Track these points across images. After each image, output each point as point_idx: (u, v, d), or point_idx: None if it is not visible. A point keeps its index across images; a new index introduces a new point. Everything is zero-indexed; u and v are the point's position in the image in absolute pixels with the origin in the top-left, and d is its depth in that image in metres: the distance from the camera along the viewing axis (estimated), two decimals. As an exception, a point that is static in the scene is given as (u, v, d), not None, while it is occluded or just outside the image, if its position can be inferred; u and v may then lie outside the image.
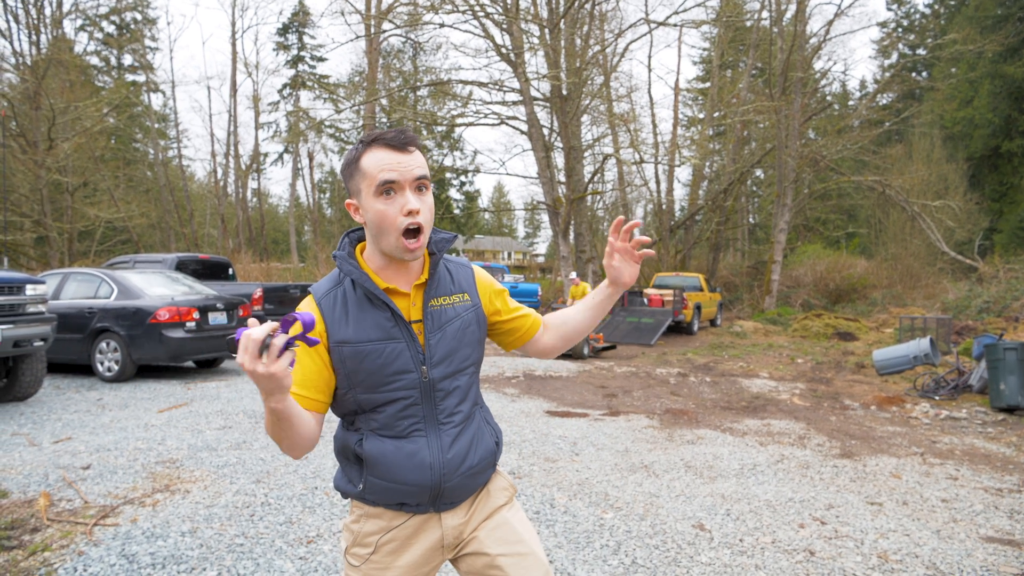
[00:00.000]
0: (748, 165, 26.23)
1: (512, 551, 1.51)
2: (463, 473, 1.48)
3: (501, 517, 1.57)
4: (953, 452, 5.90)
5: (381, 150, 1.36)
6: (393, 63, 29.94)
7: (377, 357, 1.39)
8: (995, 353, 7.73)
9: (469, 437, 1.51)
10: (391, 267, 1.45)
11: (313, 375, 1.40)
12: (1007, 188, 28.92)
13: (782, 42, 22.17)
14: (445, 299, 1.50)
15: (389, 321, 1.41)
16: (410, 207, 1.35)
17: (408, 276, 1.47)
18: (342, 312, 1.42)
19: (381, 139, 1.37)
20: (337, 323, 1.41)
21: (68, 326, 8.64)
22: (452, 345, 1.48)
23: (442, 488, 1.45)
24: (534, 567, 1.51)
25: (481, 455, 1.53)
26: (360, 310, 1.42)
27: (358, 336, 1.40)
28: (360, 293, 1.43)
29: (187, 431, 5.92)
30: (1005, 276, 18.01)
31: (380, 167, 1.35)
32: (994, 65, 27.54)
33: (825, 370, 11.35)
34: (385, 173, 1.35)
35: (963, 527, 3.95)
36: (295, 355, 1.16)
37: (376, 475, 1.43)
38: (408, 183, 1.36)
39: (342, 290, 1.44)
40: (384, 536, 1.47)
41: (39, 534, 3.54)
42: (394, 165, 1.35)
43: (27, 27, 24.60)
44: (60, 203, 25.72)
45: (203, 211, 41.13)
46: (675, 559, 3.39)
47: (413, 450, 1.42)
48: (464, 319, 1.51)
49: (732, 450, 5.74)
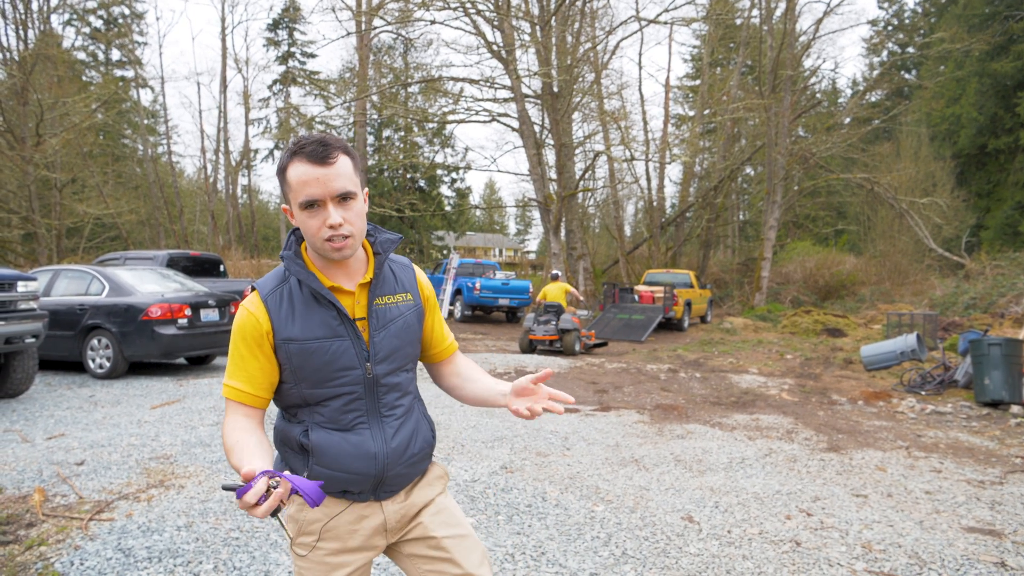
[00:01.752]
0: (738, 162, 26.37)
1: (454, 533, 1.60)
2: (404, 462, 1.55)
3: (441, 503, 1.65)
4: (938, 446, 6.00)
5: (302, 163, 1.38)
6: (384, 59, 29.86)
7: (323, 354, 1.44)
8: (980, 349, 7.85)
9: (410, 429, 1.58)
10: (334, 266, 1.49)
11: (259, 374, 1.46)
12: (994, 185, 29.19)
13: (772, 40, 22.30)
14: (389, 298, 1.55)
15: (335, 319, 1.46)
16: (331, 222, 1.38)
17: (351, 275, 1.51)
18: (288, 310, 1.45)
19: (302, 152, 1.38)
20: (284, 321, 1.45)
21: (59, 323, 8.62)
22: (395, 343, 1.54)
23: (384, 477, 1.52)
24: (474, 546, 1.62)
25: (420, 445, 1.60)
26: (306, 308, 1.46)
27: (304, 334, 1.44)
28: (306, 292, 1.47)
29: (180, 427, 5.94)
30: (991, 273, 18.19)
31: (301, 183, 1.38)
32: (981, 63, 27.76)
33: (814, 366, 11.46)
34: (306, 190, 1.37)
35: (945, 518, 4.04)
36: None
37: (322, 464, 1.47)
38: (329, 198, 1.38)
39: (288, 288, 1.48)
40: (327, 523, 1.51)
41: (35, 529, 3.56)
42: (314, 182, 1.36)
43: (14, 22, 24.39)
44: (48, 199, 25.53)
45: (193, 208, 40.91)
46: (664, 550, 3.45)
47: (358, 441, 1.49)
48: (407, 318, 1.57)
49: (721, 444, 5.82)
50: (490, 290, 19.16)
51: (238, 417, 1.45)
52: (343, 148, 1.42)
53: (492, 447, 5.50)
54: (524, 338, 12.72)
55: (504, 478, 4.63)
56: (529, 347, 12.69)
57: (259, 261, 26.39)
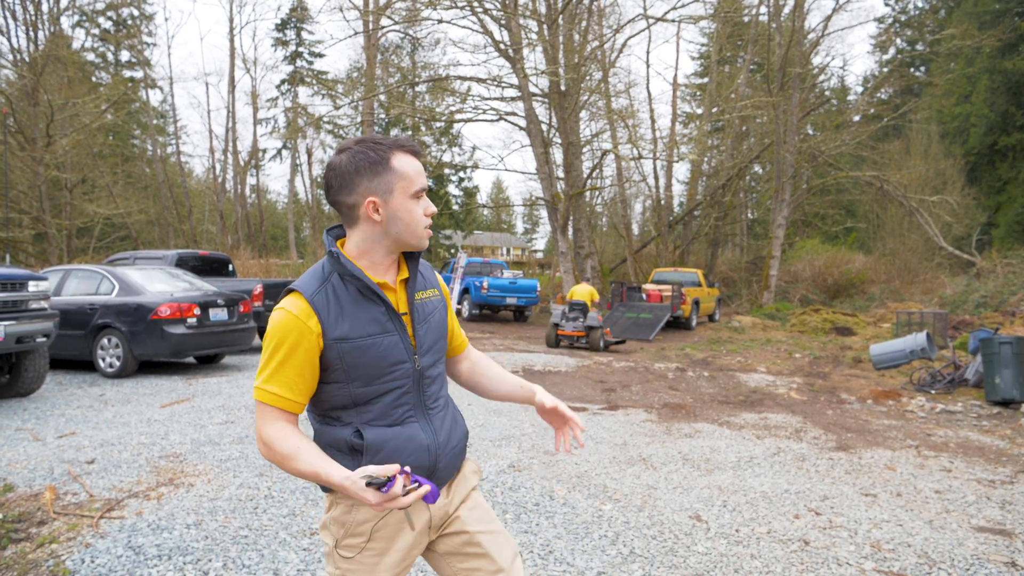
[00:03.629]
0: (746, 160, 26.26)
1: (488, 528, 1.63)
2: (450, 453, 1.59)
3: (476, 498, 1.69)
4: (948, 445, 5.96)
5: (409, 156, 1.48)
6: (391, 59, 29.88)
7: (376, 350, 1.46)
8: (991, 347, 7.79)
9: (451, 419, 1.63)
10: (381, 265, 1.52)
11: (299, 380, 1.43)
12: (1004, 183, 28.96)
13: (780, 37, 22.18)
14: (422, 293, 1.60)
15: (384, 315, 1.48)
16: (431, 210, 1.51)
17: (391, 273, 1.55)
18: (337, 309, 1.44)
19: (408, 146, 1.48)
20: (334, 320, 1.43)
21: (70, 322, 8.67)
22: (435, 336, 1.60)
23: (436, 468, 1.55)
24: (507, 542, 1.65)
25: (460, 435, 1.65)
26: (355, 306, 1.45)
27: (355, 331, 1.44)
28: (352, 289, 1.46)
29: (190, 426, 5.98)
30: (1002, 271, 18.06)
31: (418, 172, 1.49)
32: (992, 60, 27.55)
33: (822, 365, 11.41)
34: (421, 180, 1.49)
35: (955, 517, 4.02)
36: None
37: (378, 462, 1.45)
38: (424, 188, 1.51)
39: (331, 286, 1.46)
40: (377, 523, 1.51)
41: (46, 527, 3.59)
42: (423, 173, 1.50)
43: (25, 24, 24.58)
44: (59, 200, 25.73)
45: (202, 207, 41.12)
46: (672, 549, 3.45)
47: (411, 434, 1.51)
48: (440, 312, 1.64)
49: (729, 443, 5.81)
50: (498, 289, 19.16)
51: (281, 424, 1.43)
52: None
53: (500, 446, 5.51)
54: (552, 332, 13.37)
55: (512, 477, 4.63)
56: (555, 341, 13.38)
57: (267, 260, 26.50)
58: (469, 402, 7.33)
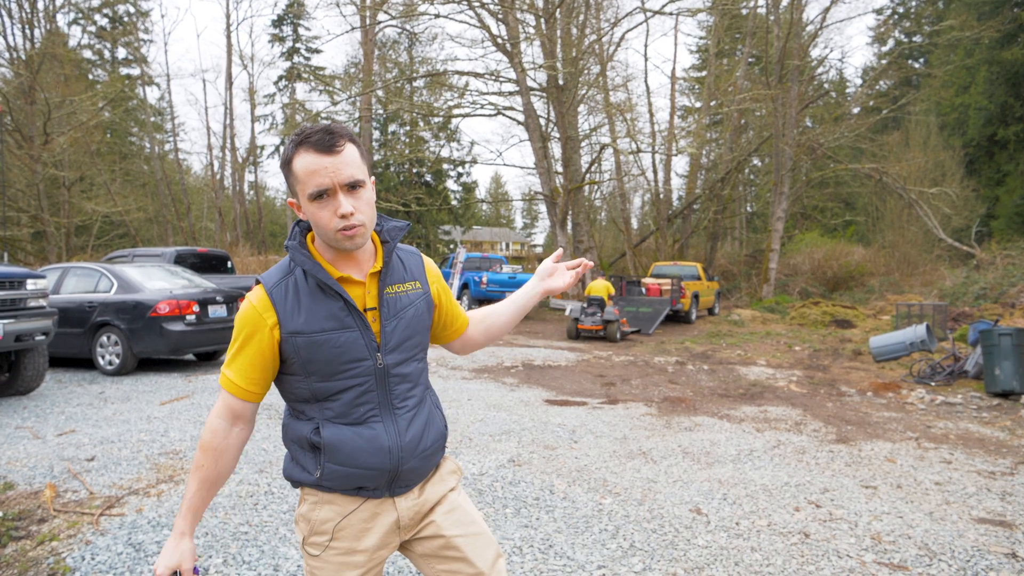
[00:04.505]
0: (745, 154, 26.24)
1: (467, 531, 1.57)
2: (419, 455, 1.52)
3: (454, 500, 1.62)
4: (948, 436, 5.97)
5: (309, 153, 1.36)
6: (389, 54, 29.84)
7: (332, 346, 1.42)
8: (990, 339, 7.79)
9: (423, 420, 1.55)
10: (343, 257, 1.47)
11: (250, 368, 1.45)
12: (1003, 175, 28.92)
13: (778, 30, 22.13)
14: (399, 287, 1.53)
15: (342, 311, 1.43)
16: (342, 211, 1.36)
17: (360, 265, 1.49)
18: (294, 302, 1.43)
19: (307, 141, 1.36)
20: (290, 313, 1.42)
21: (69, 320, 8.67)
22: (407, 332, 1.52)
23: (400, 471, 1.49)
24: (487, 544, 1.59)
25: (434, 437, 1.57)
26: (312, 300, 1.43)
27: (311, 326, 1.41)
28: (312, 283, 1.44)
29: (189, 423, 5.97)
30: (1002, 262, 18.06)
31: (309, 173, 1.36)
32: (991, 51, 27.48)
33: (822, 357, 11.42)
34: (315, 180, 1.35)
35: (955, 509, 4.02)
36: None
37: (336, 461, 1.45)
38: (339, 186, 1.36)
39: (293, 280, 1.45)
40: (340, 521, 1.50)
41: (46, 524, 3.59)
42: (322, 171, 1.35)
43: (21, 21, 24.47)
44: (57, 198, 25.68)
45: (200, 204, 41.07)
46: (672, 542, 3.45)
47: (372, 435, 1.46)
48: (417, 306, 1.55)
49: (729, 436, 5.81)
50: (497, 284, 19.15)
51: (224, 420, 1.48)
52: (348, 136, 1.40)
53: (500, 440, 5.51)
54: (572, 326, 14.11)
55: (512, 471, 4.63)
56: (576, 335, 14.12)
57: (266, 257, 26.47)
58: (469, 397, 7.34)
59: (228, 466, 1.50)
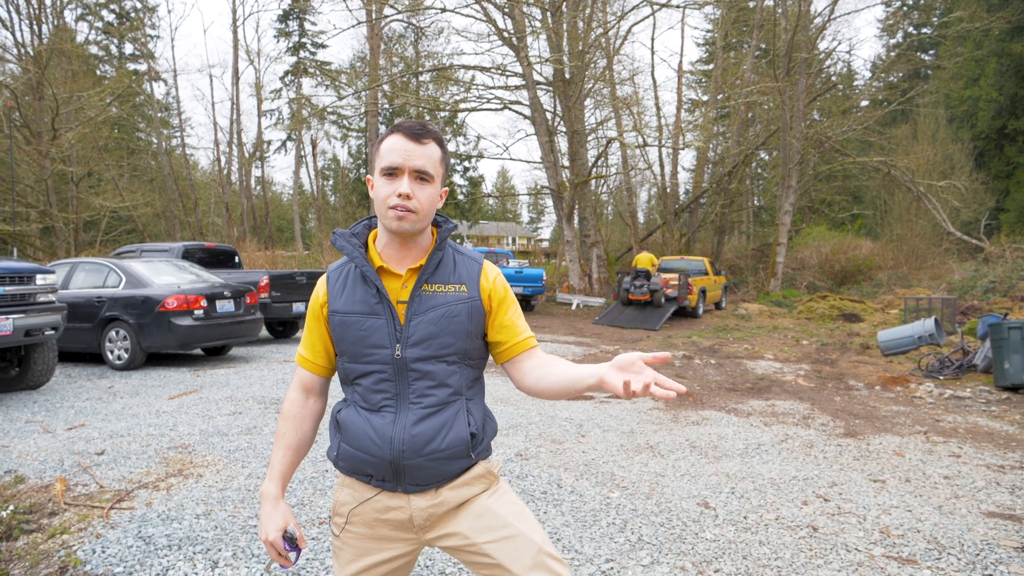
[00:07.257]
0: (752, 147, 26.09)
1: (498, 536, 1.52)
2: (426, 455, 1.49)
3: (481, 505, 1.57)
4: (956, 430, 5.94)
5: (397, 136, 1.48)
6: (395, 49, 29.80)
7: (358, 329, 1.52)
8: (1000, 332, 7.75)
9: (440, 422, 1.51)
10: (393, 247, 1.55)
11: (316, 343, 1.64)
12: (1013, 167, 28.72)
13: (786, 22, 21.99)
14: (439, 286, 1.54)
15: (374, 298, 1.52)
16: (401, 190, 1.45)
17: (407, 259, 1.56)
18: (341, 285, 1.57)
19: (401, 127, 1.49)
20: (335, 294, 1.57)
21: (78, 315, 8.72)
22: (432, 330, 1.50)
23: (401, 465, 1.49)
24: (523, 548, 1.50)
25: (450, 442, 1.51)
26: (354, 285, 1.56)
27: (345, 307, 1.54)
28: (358, 271, 1.57)
29: (198, 417, 6.00)
30: (1011, 256, 17.94)
31: (389, 150, 1.47)
32: (1000, 43, 27.27)
33: (830, 351, 11.38)
34: (390, 156, 1.47)
35: (964, 503, 4.00)
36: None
37: (347, 442, 1.56)
38: (408, 171, 1.46)
39: (349, 267, 1.60)
40: (356, 507, 1.57)
41: (57, 518, 3.62)
42: (400, 152, 1.46)
43: (28, 17, 24.57)
44: (65, 193, 25.83)
45: (207, 200, 41.17)
46: (680, 536, 3.45)
47: (380, 423, 1.51)
48: (452, 309, 1.52)
49: (737, 430, 5.80)
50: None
51: (298, 391, 1.66)
52: (437, 137, 1.52)
53: (507, 434, 5.51)
54: (624, 296, 16.04)
55: (519, 465, 4.64)
56: (627, 303, 15.99)
57: (273, 252, 26.52)
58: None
59: (308, 435, 1.66)
